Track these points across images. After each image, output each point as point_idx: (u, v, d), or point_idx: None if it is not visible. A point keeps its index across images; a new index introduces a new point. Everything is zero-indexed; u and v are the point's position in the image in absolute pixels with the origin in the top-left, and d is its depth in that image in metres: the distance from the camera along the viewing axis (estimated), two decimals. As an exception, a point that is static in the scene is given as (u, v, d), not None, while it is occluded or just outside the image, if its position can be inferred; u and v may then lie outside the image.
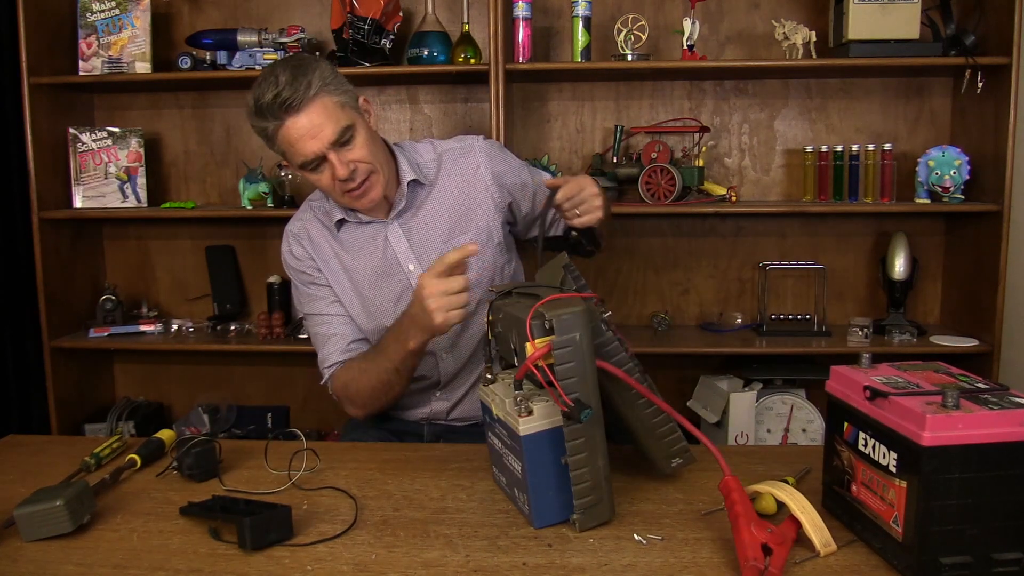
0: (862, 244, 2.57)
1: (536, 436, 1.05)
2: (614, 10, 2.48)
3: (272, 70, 1.38)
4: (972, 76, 2.24)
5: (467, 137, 1.63)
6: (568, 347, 1.00)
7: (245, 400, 2.74)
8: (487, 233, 1.58)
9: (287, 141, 1.39)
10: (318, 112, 1.37)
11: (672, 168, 2.33)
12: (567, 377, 1.00)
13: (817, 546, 0.97)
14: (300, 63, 1.39)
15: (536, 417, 1.05)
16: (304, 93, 1.35)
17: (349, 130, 1.40)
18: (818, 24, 2.38)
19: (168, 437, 1.39)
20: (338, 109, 1.39)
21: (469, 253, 1.28)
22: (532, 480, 1.05)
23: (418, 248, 1.56)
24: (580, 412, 0.99)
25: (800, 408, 2.38)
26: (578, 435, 1.02)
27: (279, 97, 1.34)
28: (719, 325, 2.57)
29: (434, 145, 1.62)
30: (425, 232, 1.56)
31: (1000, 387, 0.97)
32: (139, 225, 2.72)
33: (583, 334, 1.00)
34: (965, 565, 0.90)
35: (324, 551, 1.03)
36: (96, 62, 2.44)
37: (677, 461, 1.19)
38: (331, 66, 1.43)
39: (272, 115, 1.36)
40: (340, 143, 1.40)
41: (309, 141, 1.38)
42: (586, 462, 1.03)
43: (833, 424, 1.07)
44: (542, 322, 1.02)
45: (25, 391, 2.58)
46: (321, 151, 1.39)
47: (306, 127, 1.37)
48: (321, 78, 1.38)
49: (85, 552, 1.04)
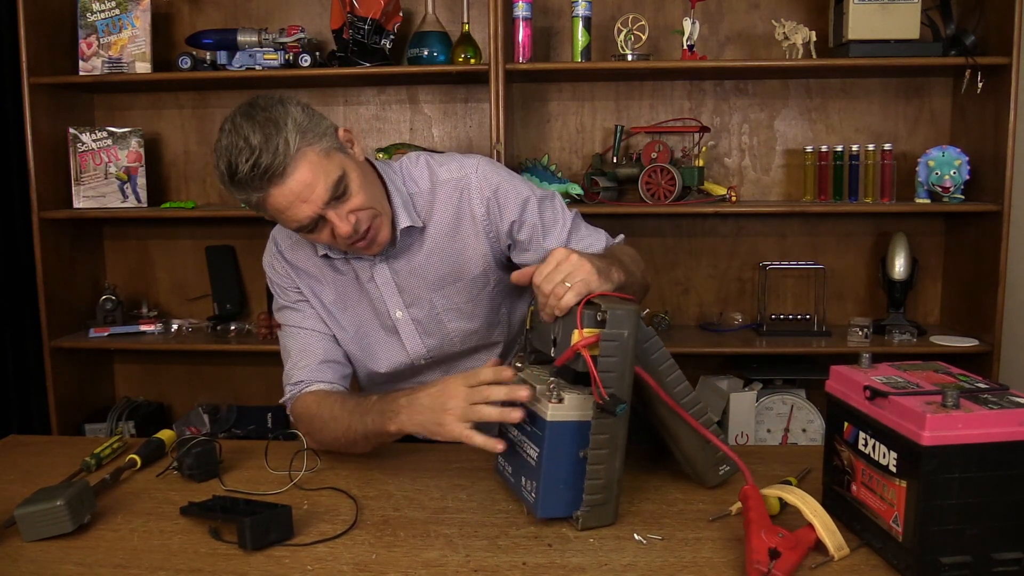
0: (862, 244, 2.57)
1: (561, 425, 1.04)
2: (614, 10, 2.48)
3: (238, 130, 1.19)
4: (972, 76, 2.23)
5: (465, 163, 1.41)
6: (615, 342, 1.01)
7: (245, 400, 2.74)
8: (483, 281, 1.43)
9: (275, 209, 1.23)
10: (304, 172, 1.19)
11: (672, 168, 2.33)
12: (607, 371, 1.01)
13: (831, 550, 0.97)
14: (268, 116, 1.20)
15: (566, 406, 1.04)
16: (284, 155, 1.18)
17: (342, 180, 1.23)
18: (818, 24, 2.38)
19: (168, 437, 1.39)
20: (324, 160, 1.22)
21: (504, 379, 1.10)
22: (547, 467, 1.04)
23: (408, 295, 1.43)
24: (615, 406, 1.00)
25: (800, 408, 2.38)
26: (604, 430, 1.03)
27: (257, 167, 1.17)
28: (719, 325, 2.57)
29: (430, 169, 1.41)
30: (415, 279, 1.42)
31: (1000, 387, 0.97)
32: (139, 225, 2.72)
33: (631, 333, 1.02)
34: (965, 565, 0.90)
35: (324, 551, 1.03)
36: (96, 62, 2.44)
37: (725, 469, 1.18)
38: (300, 106, 1.25)
39: (253, 187, 1.20)
40: (335, 198, 1.23)
41: (301, 206, 1.21)
42: (604, 459, 1.04)
43: (833, 424, 1.07)
44: (595, 312, 1.03)
45: (25, 391, 2.58)
46: (316, 213, 1.22)
47: (295, 192, 1.20)
48: (296, 128, 1.20)
49: (85, 552, 1.04)
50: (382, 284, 1.42)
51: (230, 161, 1.19)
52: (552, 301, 1.09)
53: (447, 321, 1.45)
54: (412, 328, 1.45)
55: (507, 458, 1.16)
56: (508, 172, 1.42)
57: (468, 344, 1.48)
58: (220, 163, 1.21)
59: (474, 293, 1.43)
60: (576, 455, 1.05)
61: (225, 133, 1.22)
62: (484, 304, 1.45)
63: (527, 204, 1.39)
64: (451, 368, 1.50)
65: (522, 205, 1.38)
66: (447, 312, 1.44)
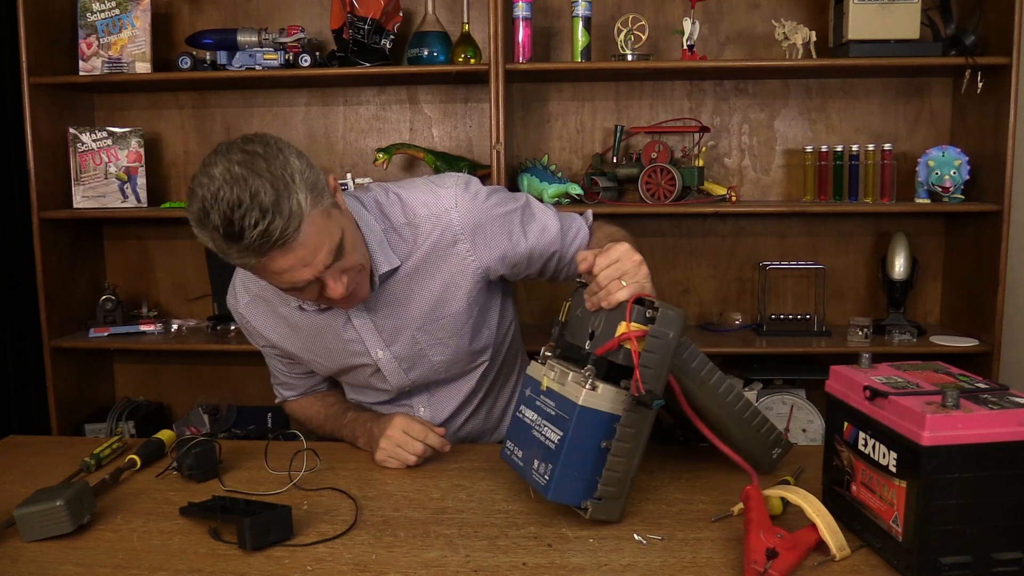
0: (862, 244, 2.57)
1: (591, 412, 1.05)
2: (614, 10, 2.48)
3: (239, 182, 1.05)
4: (972, 76, 2.23)
5: (441, 194, 1.32)
6: (661, 340, 1.04)
7: (245, 400, 2.74)
8: (467, 314, 1.37)
9: (269, 271, 1.12)
10: (312, 236, 1.10)
11: (672, 168, 2.33)
12: (646, 366, 1.03)
13: (833, 550, 0.97)
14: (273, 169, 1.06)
15: (599, 395, 1.05)
16: (298, 219, 1.06)
17: (342, 242, 1.15)
18: (818, 24, 2.37)
19: (168, 437, 1.39)
20: (327, 221, 1.12)
21: (443, 449, 1.32)
22: (568, 452, 1.05)
23: (387, 335, 1.37)
24: (652, 400, 1.02)
25: (800, 408, 2.38)
26: (633, 424, 1.04)
27: (269, 235, 1.05)
28: (719, 325, 2.57)
29: (402, 203, 1.32)
30: (395, 319, 1.36)
31: (1000, 387, 0.97)
32: (139, 225, 2.72)
33: (676, 335, 1.04)
34: (965, 565, 0.90)
35: (324, 551, 1.03)
36: (96, 62, 2.44)
37: (777, 451, 1.21)
38: (295, 153, 1.12)
39: (253, 251, 1.07)
40: (334, 260, 1.15)
41: (302, 270, 1.12)
42: (626, 453, 1.05)
43: (833, 424, 1.07)
44: (644, 310, 1.06)
45: (25, 391, 2.58)
46: (315, 277, 1.14)
47: (299, 257, 1.10)
48: (305, 186, 1.08)
49: (85, 552, 1.04)
50: (360, 327, 1.36)
51: (231, 219, 1.04)
52: (603, 294, 1.11)
53: (432, 355, 1.40)
54: (395, 365, 1.41)
55: (521, 443, 1.15)
56: (485, 194, 1.34)
57: (453, 371, 1.45)
58: (212, 215, 1.05)
59: (457, 326, 1.38)
60: (598, 445, 1.05)
61: (217, 182, 1.06)
62: (468, 335, 1.40)
63: (513, 233, 1.35)
64: (434, 391, 1.48)
65: (508, 234, 1.34)
66: (431, 346, 1.39)
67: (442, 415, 1.48)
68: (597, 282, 1.11)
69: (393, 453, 1.30)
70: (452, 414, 1.48)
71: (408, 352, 1.40)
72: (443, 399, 1.48)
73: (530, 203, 1.40)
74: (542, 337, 1.30)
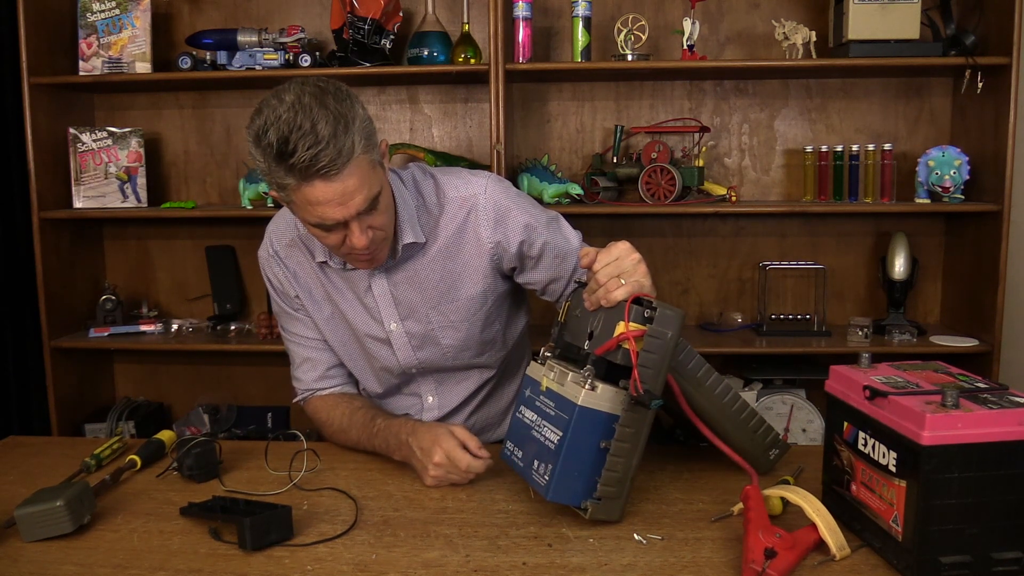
0: (862, 244, 2.57)
1: (590, 412, 1.05)
2: (614, 10, 2.48)
3: (305, 110, 1.12)
4: (972, 76, 2.23)
5: (473, 181, 1.39)
6: (659, 339, 1.04)
7: (245, 400, 2.74)
8: (481, 300, 1.42)
9: (306, 200, 1.17)
10: (354, 178, 1.16)
11: (672, 168, 2.33)
12: (645, 366, 1.03)
13: (833, 549, 0.97)
14: (341, 109, 1.14)
15: (598, 395, 1.05)
16: (347, 157, 1.13)
17: (378, 196, 1.21)
18: (818, 24, 2.38)
19: (168, 437, 1.39)
20: (371, 172, 1.19)
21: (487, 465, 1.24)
22: (568, 452, 1.05)
23: (403, 309, 1.41)
24: (650, 400, 1.02)
25: (800, 408, 2.38)
26: (632, 424, 1.05)
27: (317, 159, 1.11)
28: (719, 325, 2.57)
29: (438, 185, 1.40)
30: (413, 293, 1.41)
31: (1000, 387, 0.98)
32: (139, 225, 2.72)
33: (675, 335, 1.05)
34: (965, 564, 0.90)
35: (324, 551, 1.04)
36: (96, 62, 2.44)
37: (774, 452, 1.22)
38: (363, 105, 1.20)
39: (298, 174, 1.13)
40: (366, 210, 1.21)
41: (335, 208, 1.17)
42: (625, 453, 1.06)
43: (833, 424, 1.07)
44: (642, 310, 1.06)
45: (25, 391, 2.58)
46: (346, 219, 1.19)
47: (338, 193, 1.15)
48: (363, 133, 1.16)
49: (85, 552, 1.04)
50: (379, 295, 1.41)
51: (287, 138, 1.11)
52: (602, 292, 1.12)
53: (442, 337, 1.43)
54: (405, 340, 1.43)
55: (520, 443, 1.16)
56: (516, 192, 1.42)
57: (460, 360, 1.47)
58: (270, 132, 1.11)
59: (471, 312, 1.42)
60: (597, 445, 1.06)
61: (286, 105, 1.12)
62: (479, 323, 1.44)
63: (535, 227, 1.39)
64: (442, 379, 1.49)
65: (530, 228, 1.38)
66: (442, 328, 1.43)
67: (448, 406, 1.51)
68: (596, 279, 1.13)
69: (444, 478, 1.24)
70: (458, 406, 1.51)
71: (420, 330, 1.43)
72: (450, 390, 1.50)
73: (560, 218, 1.46)
74: (542, 337, 1.31)
